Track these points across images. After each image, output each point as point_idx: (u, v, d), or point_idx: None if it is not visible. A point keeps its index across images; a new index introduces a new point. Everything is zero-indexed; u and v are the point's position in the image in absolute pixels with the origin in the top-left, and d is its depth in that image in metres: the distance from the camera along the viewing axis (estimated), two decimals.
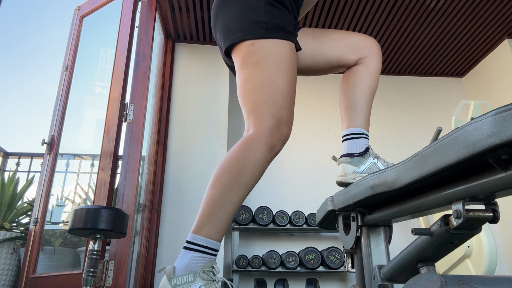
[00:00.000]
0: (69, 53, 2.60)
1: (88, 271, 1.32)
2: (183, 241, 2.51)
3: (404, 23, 2.93)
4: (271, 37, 1.04)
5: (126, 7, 2.25)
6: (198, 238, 0.94)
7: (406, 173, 0.71)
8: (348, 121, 1.22)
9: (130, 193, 1.91)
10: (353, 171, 1.16)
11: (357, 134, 1.20)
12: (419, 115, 3.45)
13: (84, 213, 1.27)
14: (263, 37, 1.04)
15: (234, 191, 0.96)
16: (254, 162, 0.97)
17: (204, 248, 0.93)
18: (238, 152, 0.98)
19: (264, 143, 0.98)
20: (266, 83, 1.02)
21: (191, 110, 2.90)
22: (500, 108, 0.50)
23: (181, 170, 2.71)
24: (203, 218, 0.95)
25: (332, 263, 2.58)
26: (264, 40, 1.04)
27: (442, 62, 3.40)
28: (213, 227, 0.94)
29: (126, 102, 2.07)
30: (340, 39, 1.25)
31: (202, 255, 0.93)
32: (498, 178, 0.54)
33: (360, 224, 1.02)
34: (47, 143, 2.40)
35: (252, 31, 1.05)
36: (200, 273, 0.91)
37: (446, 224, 0.62)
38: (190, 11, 2.80)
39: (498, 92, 3.15)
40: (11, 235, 2.48)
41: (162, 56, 2.97)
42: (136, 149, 2.00)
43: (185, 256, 0.93)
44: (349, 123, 1.22)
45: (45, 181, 2.29)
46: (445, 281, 0.59)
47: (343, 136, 1.23)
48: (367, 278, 0.97)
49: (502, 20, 2.88)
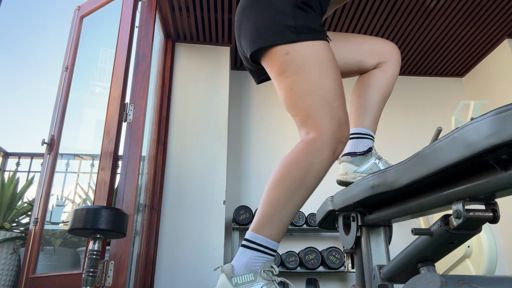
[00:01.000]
0: (69, 53, 2.60)
1: (88, 271, 1.32)
2: (183, 241, 2.53)
3: (404, 23, 2.93)
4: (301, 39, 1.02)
5: (126, 7, 2.25)
6: (258, 237, 0.94)
7: (406, 173, 0.71)
8: (356, 121, 1.23)
9: (130, 193, 1.91)
10: (354, 170, 1.16)
11: (363, 134, 1.21)
12: (419, 115, 3.45)
13: (84, 213, 1.27)
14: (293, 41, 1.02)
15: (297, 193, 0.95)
16: (319, 165, 0.96)
17: (265, 248, 0.93)
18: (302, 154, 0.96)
19: (328, 146, 0.97)
20: (316, 87, 1.00)
21: (191, 110, 2.90)
22: (500, 108, 0.50)
23: (181, 170, 2.71)
24: (265, 218, 0.95)
25: (332, 263, 2.58)
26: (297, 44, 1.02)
27: (442, 62, 3.40)
28: (274, 228, 0.94)
29: (126, 102, 2.07)
30: (361, 43, 1.26)
31: (262, 255, 0.93)
32: (498, 178, 0.54)
33: (360, 224, 1.02)
34: (47, 143, 2.40)
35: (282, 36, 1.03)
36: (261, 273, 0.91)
37: (446, 224, 0.62)
38: (190, 11, 2.80)
39: (498, 92, 3.15)
40: (11, 235, 2.48)
41: (162, 56, 2.97)
42: (136, 149, 2.00)
43: (245, 254, 0.93)
44: (357, 123, 1.22)
45: (45, 181, 2.29)
46: (445, 281, 0.59)
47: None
48: (367, 278, 0.97)
49: (502, 20, 2.88)
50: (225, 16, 2.84)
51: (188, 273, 2.45)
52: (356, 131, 1.22)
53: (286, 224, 0.95)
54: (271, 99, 3.33)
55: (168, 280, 2.42)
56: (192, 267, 2.47)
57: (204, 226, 2.57)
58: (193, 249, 2.51)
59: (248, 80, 3.41)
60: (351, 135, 1.22)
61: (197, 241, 2.53)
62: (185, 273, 2.45)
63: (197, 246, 2.52)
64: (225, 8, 2.76)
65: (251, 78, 3.42)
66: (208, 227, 2.58)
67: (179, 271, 2.45)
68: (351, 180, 1.14)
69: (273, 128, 3.25)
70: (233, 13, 2.81)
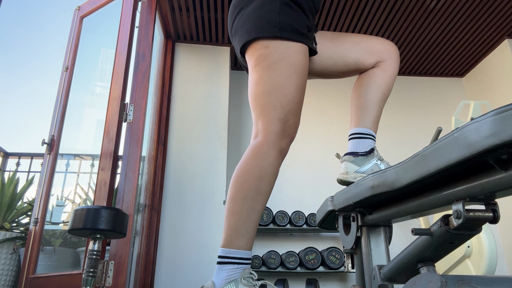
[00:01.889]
0: (69, 53, 2.60)
1: (88, 271, 1.32)
2: (183, 241, 2.52)
3: (404, 23, 2.93)
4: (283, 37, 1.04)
5: (126, 7, 2.25)
6: (231, 251, 0.97)
7: (406, 173, 0.71)
8: (357, 121, 1.23)
9: (130, 193, 1.91)
10: (355, 170, 1.16)
11: (364, 134, 1.21)
12: (419, 115, 3.45)
13: (84, 213, 1.26)
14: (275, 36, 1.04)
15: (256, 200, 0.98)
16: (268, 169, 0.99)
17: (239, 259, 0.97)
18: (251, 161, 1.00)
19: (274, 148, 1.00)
20: (276, 87, 1.03)
21: (191, 110, 2.90)
22: (500, 108, 0.50)
23: (181, 170, 2.71)
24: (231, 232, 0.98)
25: (332, 263, 2.58)
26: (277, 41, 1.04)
27: (442, 62, 3.40)
28: (243, 238, 0.97)
29: (126, 102, 2.07)
30: (359, 42, 1.26)
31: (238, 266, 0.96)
32: (498, 178, 0.54)
33: (360, 224, 1.02)
34: (47, 143, 2.40)
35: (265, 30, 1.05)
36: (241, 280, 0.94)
37: (446, 224, 0.62)
38: (190, 11, 2.80)
39: (498, 92, 3.15)
40: (11, 235, 2.48)
41: (162, 56, 2.97)
42: (136, 149, 2.00)
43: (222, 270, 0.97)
44: (358, 123, 1.23)
45: (45, 181, 2.29)
46: (445, 281, 0.59)
47: (350, 134, 1.24)
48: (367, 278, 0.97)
49: (502, 20, 2.88)
50: (225, 16, 2.84)
51: (188, 273, 2.45)
52: (357, 131, 1.22)
53: (254, 231, 0.99)
54: None
55: (168, 280, 2.42)
56: (192, 267, 2.47)
57: (204, 226, 2.57)
58: (193, 249, 2.51)
59: (248, 80, 3.41)
60: (352, 134, 1.22)
61: (197, 241, 2.53)
62: (185, 273, 2.45)
63: (197, 246, 2.52)
64: (225, 8, 2.76)
65: None
66: (208, 227, 2.58)
67: (179, 271, 2.45)
68: (352, 180, 1.14)
69: None
70: None
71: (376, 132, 1.23)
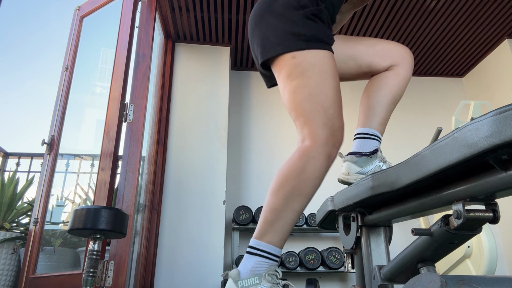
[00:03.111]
0: (69, 53, 2.60)
1: (88, 271, 1.32)
2: (183, 241, 2.52)
3: (404, 23, 2.93)
4: (310, 47, 1.06)
5: (126, 7, 2.25)
6: (261, 244, 0.98)
7: (406, 174, 0.71)
8: (364, 121, 1.23)
9: (130, 193, 1.91)
10: (357, 171, 1.16)
11: (370, 135, 1.21)
12: (419, 115, 3.45)
13: (84, 213, 1.26)
14: (302, 49, 1.06)
15: (296, 200, 0.98)
16: (315, 173, 0.99)
17: (268, 254, 0.97)
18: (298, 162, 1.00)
19: (322, 152, 1.00)
20: (315, 92, 1.03)
21: (191, 110, 2.90)
22: (500, 109, 0.50)
23: (181, 170, 2.71)
24: (266, 225, 0.98)
25: (332, 263, 2.58)
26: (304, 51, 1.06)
27: (442, 62, 3.40)
28: (276, 235, 0.98)
29: (126, 102, 2.07)
30: (373, 45, 1.27)
31: (266, 260, 0.97)
32: (498, 178, 0.54)
33: (360, 224, 1.02)
34: (47, 143, 2.40)
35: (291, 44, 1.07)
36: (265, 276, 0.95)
37: (446, 224, 0.62)
38: (190, 11, 2.80)
39: (498, 92, 3.15)
40: (11, 235, 2.48)
41: (162, 56, 2.97)
42: (136, 149, 2.00)
43: (249, 260, 0.97)
44: (364, 123, 1.23)
45: (45, 181, 2.29)
46: (445, 281, 0.59)
47: (355, 134, 1.24)
48: (367, 278, 0.97)
49: (502, 20, 2.88)
50: (225, 16, 2.84)
51: (188, 273, 2.45)
52: (362, 131, 1.22)
53: (288, 230, 0.99)
54: (271, 99, 3.33)
55: (168, 280, 2.42)
56: (192, 267, 2.47)
57: (204, 226, 2.57)
58: (193, 249, 2.51)
59: (248, 80, 3.41)
60: (358, 134, 1.22)
61: (197, 241, 2.53)
62: (185, 273, 2.45)
63: (197, 246, 2.52)
64: (225, 8, 2.76)
65: (251, 78, 3.42)
66: (208, 227, 2.58)
67: (179, 271, 2.45)
68: (353, 181, 1.14)
69: (273, 128, 3.25)
70: (233, 13, 2.81)
71: (382, 134, 1.23)
